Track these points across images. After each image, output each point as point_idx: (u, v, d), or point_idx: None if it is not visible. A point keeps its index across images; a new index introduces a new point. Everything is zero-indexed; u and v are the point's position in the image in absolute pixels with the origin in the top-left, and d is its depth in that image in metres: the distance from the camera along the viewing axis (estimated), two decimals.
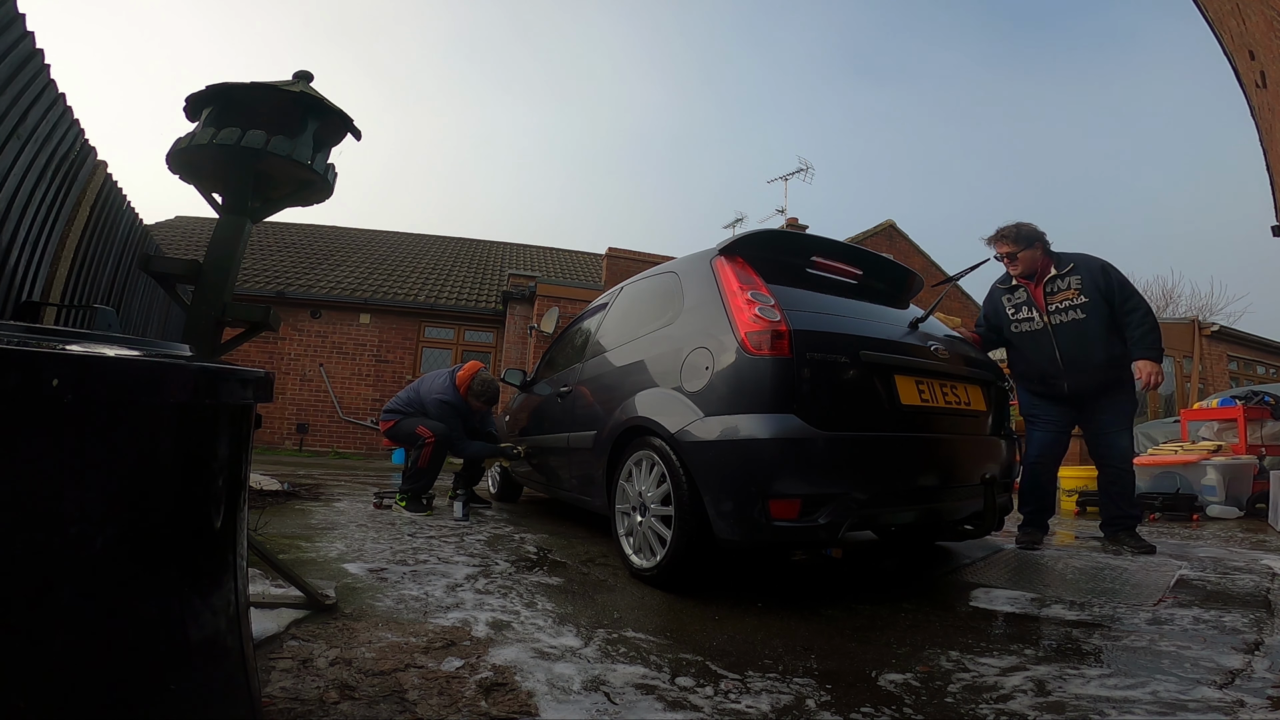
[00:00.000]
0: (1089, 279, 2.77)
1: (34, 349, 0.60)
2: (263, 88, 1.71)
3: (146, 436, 0.68)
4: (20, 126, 2.40)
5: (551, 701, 1.17)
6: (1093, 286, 2.76)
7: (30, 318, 2.60)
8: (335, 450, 9.69)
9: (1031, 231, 2.87)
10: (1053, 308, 2.83)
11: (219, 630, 0.77)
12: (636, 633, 1.60)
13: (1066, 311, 2.80)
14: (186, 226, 12.43)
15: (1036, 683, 1.32)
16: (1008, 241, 2.89)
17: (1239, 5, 4.01)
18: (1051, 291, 2.85)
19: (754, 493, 1.81)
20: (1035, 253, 2.87)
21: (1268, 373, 13.18)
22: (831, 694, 1.25)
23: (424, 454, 3.59)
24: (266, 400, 0.84)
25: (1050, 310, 2.84)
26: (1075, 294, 2.78)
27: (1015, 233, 2.88)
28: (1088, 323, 2.75)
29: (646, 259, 9.73)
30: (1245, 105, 5.08)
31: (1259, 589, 2.18)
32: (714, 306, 2.14)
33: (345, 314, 10.18)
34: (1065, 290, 2.81)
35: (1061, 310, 2.81)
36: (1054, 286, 2.85)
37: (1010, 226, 2.91)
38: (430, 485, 3.68)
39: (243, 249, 1.81)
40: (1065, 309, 2.80)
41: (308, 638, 1.45)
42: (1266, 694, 1.27)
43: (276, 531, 2.68)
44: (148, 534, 0.68)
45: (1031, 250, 2.86)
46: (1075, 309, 2.78)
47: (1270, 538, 3.43)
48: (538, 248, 16.01)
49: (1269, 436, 5.11)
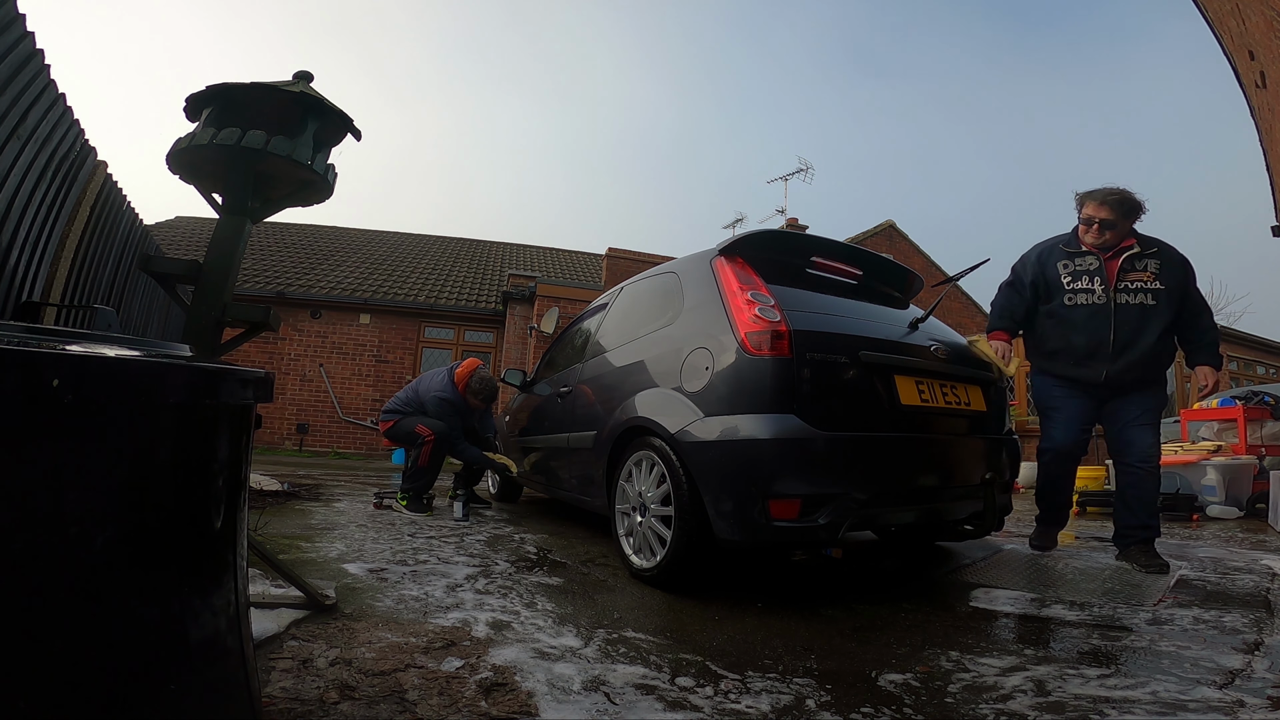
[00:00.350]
0: (1169, 269, 2.52)
1: (34, 349, 0.60)
2: (263, 88, 1.71)
3: (146, 437, 0.68)
4: (20, 127, 2.40)
5: (551, 701, 1.17)
6: (1171, 277, 2.51)
7: (30, 318, 2.60)
8: (335, 450, 9.69)
9: (1135, 204, 2.55)
10: (1123, 285, 2.53)
11: (219, 630, 0.77)
12: (636, 633, 1.60)
13: (1137, 293, 2.52)
14: (186, 226, 12.43)
15: (1036, 683, 1.32)
16: (1109, 208, 2.54)
17: (1239, 5, 4.01)
18: (1128, 269, 2.54)
19: (754, 493, 1.81)
20: (1129, 227, 2.58)
21: (1268, 373, 13.18)
22: (831, 694, 1.25)
23: (424, 452, 3.56)
24: (266, 400, 0.84)
25: (1119, 287, 2.53)
26: (1152, 278, 2.51)
27: (1120, 201, 2.53)
28: (1155, 310, 2.49)
29: (646, 259, 9.72)
30: (1245, 105, 5.08)
31: (1259, 589, 2.18)
32: (714, 307, 2.14)
33: (345, 314, 10.18)
34: (1143, 272, 2.52)
35: (1132, 290, 2.52)
36: (1132, 264, 2.54)
37: (1116, 191, 2.55)
38: (431, 484, 3.66)
39: (243, 249, 1.81)
40: (1137, 290, 2.52)
41: (308, 638, 1.45)
42: (1266, 694, 1.27)
43: (276, 531, 2.68)
44: (148, 534, 0.68)
45: (1127, 224, 2.57)
46: (1147, 293, 2.51)
47: (1270, 538, 3.43)
48: (538, 248, 16.01)
49: (1269, 436, 5.11)
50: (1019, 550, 2.84)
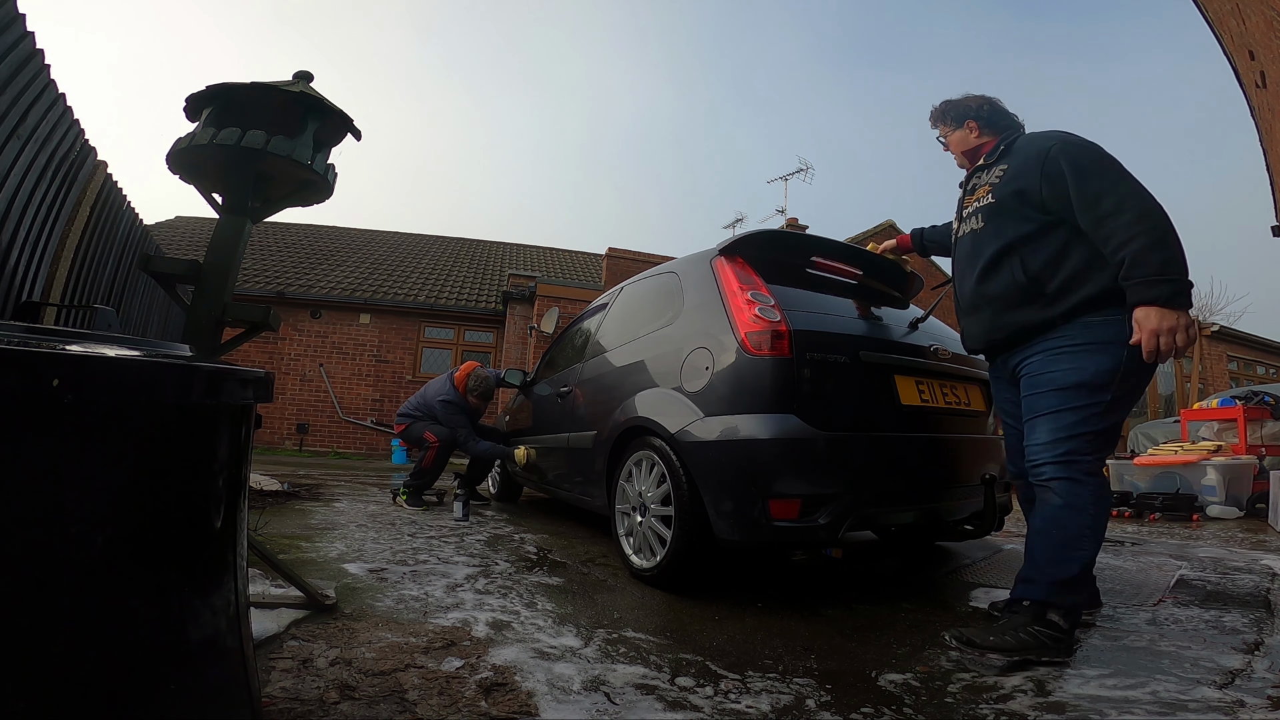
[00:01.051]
0: (1017, 166, 1.69)
1: (34, 349, 0.60)
2: (263, 88, 1.71)
3: (147, 436, 0.68)
4: (20, 127, 2.40)
5: (551, 701, 1.17)
6: (1013, 178, 1.68)
7: (30, 318, 2.60)
8: (335, 450, 9.68)
9: (964, 105, 1.90)
10: (966, 213, 1.87)
11: (219, 630, 0.77)
12: (636, 633, 1.60)
13: (968, 219, 1.85)
14: (186, 226, 12.43)
15: (1036, 683, 1.32)
16: (935, 120, 2.00)
17: (1239, 5, 4.01)
18: (970, 189, 1.88)
19: (754, 493, 1.81)
20: (966, 134, 1.90)
21: (1268, 373, 13.19)
22: (831, 694, 1.25)
23: (428, 456, 3.89)
24: (266, 400, 0.84)
25: (963, 216, 1.89)
26: (987, 191, 1.76)
27: (940, 112, 1.97)
28: (982, 234, 1.76)
29: (646, 259, 9.72)
30: (1245, 105, 5.09)
31: (1259, 589, 2.18)
32: (714, 306, 2.14)
33: (345, 314, 10.18)
34: (981, 186, 1.81)
35: (965, 217, 1.86)
36: (975, 181, 1.86)
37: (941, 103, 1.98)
38: (432, 484, 3.99)
39: (243, 249, 1.81)
40: (969, 215, 1.84)
41: (308, 638, 1.45)
42: (1266, 694, 1.27)
43: (276, 531, 2.68)
44: (148, 534, 0.68)
45: (961, 131, 1.91)
46: (977, 214, 1.79)
47: (1270, 538, 3.43)
48: (538, 248, 16.01)
49: (1269, 436, 5.11)
50: (1019, 550, 2.84)
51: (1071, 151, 1.59)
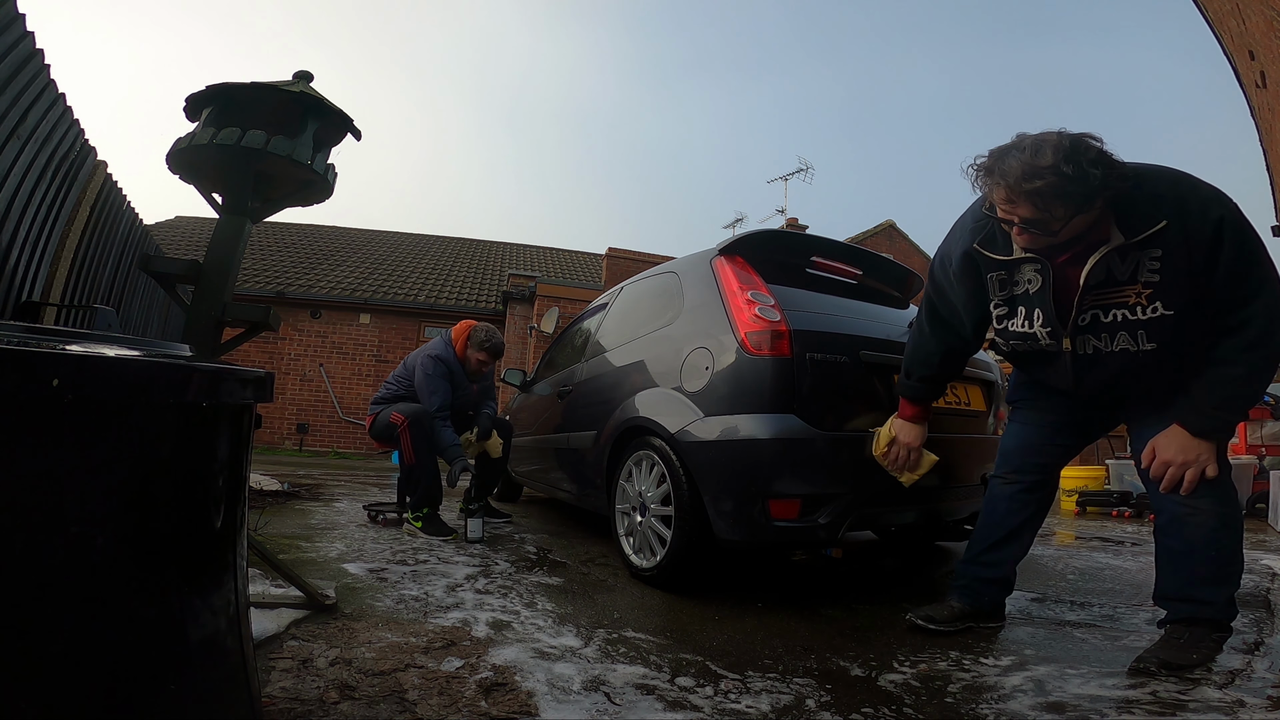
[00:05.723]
0: (1178, 251, 1.27)
1: (34, 349, 0.60)
2: (263, 88, 1.71)
3: (146, 436, 0.68)
4: (20, 126, 2.40)
5: (551, 701, 1.17)
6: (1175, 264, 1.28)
7: (30, 318, 2.60)
8: (335, 450, 9.68)
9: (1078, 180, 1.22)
10: (1086, 319, 1.40)
11: (219, 630, 0.77)
12: (636, 633, 1.60)
13: (1114, 332, 1.38)
14: (186, 226, 12.42)
15: (1036, 683, 1.32)
16: (1028, 201, 1.28)
17: (1239, 5, 4.01)
18: (1099, 281, 1.35)
19: (754, 493, 1.81)
20: (1081, 215, 1.27)
21: None
22: (831, 694, 1.25)
23: (403, 445, 2.85)
24: (266, 400, 0.84)
25: (1083, 324, 1.41)
26: (1139, 294, 1.32)
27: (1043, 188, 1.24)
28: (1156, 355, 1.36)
29: (646, 259, 9.72)
30: (1245, 105, 5.09)
31: (1259, 589, 2.18)
32: (714, 306, 2.14)
33: (345, 314, 10.18)
34: (1124, 288, 1.34)
35: (1101, 329, 1.39)
36: (1109, 273, 1.34)
37: (1033, 164, 1.24)
38: (438, 487, 2.89)
39: (243, 249, 1.81)
40: (1111, 327, 1.38)
41: (308, 638, 1.45)
42: (1266, 694, 1.27)
43: (276, 531, 2.68)
44: (148, 534, 0.68)
45: (1086, 215, 1.28)
46: (1129, 328, 1.36)
47: (1270, 538, 3.43)
48: (538, 248, 16.00)
49: (1269, 436, 5.11)
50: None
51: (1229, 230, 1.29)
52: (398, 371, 3.20)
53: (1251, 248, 1.28)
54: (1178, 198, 1.29)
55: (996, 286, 1.51)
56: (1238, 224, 1.27)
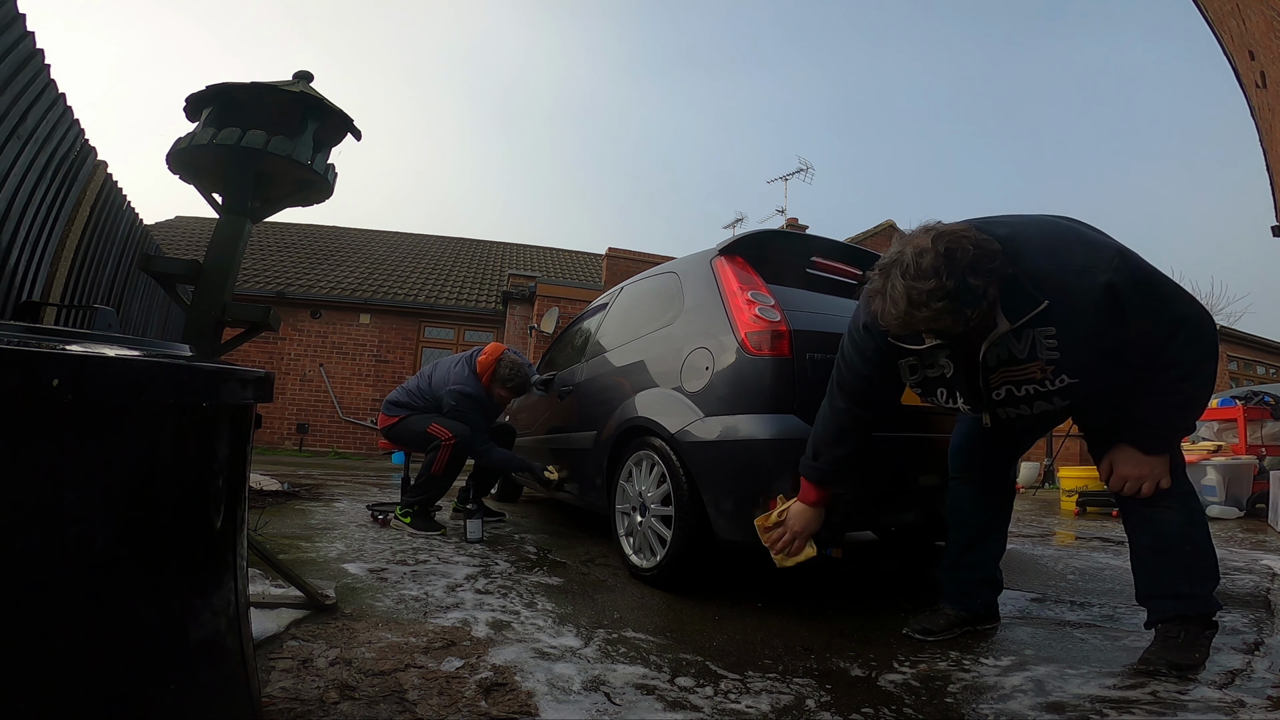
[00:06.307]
0: (1069, 323, 1.30)
1: (34, 349, 0.60)
2: (263, 88, 1.71)
3: (147, 436, 0.68)
4: (20, 127, 2.40)
5: (551, 701, 1.17)
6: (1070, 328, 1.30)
7: (30, 318, 2.60)
8: (335, 450, 9.69)
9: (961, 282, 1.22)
10: (1000, 394, 1.45)
11: (219, 630, 0.77)
12: (636, 633, 1.60)
13: (1030, 402, 1.43)
14: (186, 226, 12.43)
15: (1036, 683, 1.32)
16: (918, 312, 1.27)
17: (1239, 5, 4.01)
18: (1000, 361, 1.39)
19: (754, 493, 1.81)
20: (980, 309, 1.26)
21: (1268, 373, 13.19)
22: (831, 694, 1.25)
23: (439, 458, 2.91)
24: (266, 400, 0.84)
25: (999, 399, 1.46)
26: (1043, 369, 1.36)
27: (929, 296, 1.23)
28: (1079, 403, 1.46)
29: (646, 259, 9.72)
30: (1245, 105, 5.09)
31: (1259, 589, 2.18)
32: (714, 307, 2.14)
33: (345, 314, 10.18)
34: (1027, 364, 1.37)
35: (1018, 401, 1.44)
36: (1009, 352, 1.37)
37: (917, 270, 1.24)
38: (441, 496, 3.08)
39: (243, 249, 1.81)
40: (1027, 398, 1.43)
41: (308, 638, 1.45)
42: (1266, 694, 1.27)
43: (276, 531, 2.68)
44: (148, 534, 0.68)
45: (981, 309, 1.26)
46: (1044, 397, 1.41)
47: (1270, 538, 3.43)
48: (538, 248, 16.01)
49: (1269, 436, 5.11)
50: (1019, 550, 2.84)
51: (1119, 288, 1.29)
52: (418, 386, 3.19)
53: (1152, 291, 1.27)
54: (1056, 272, 1.28)
55: (908, 371, 1.55)
56: (1128, 277, 1.25)
